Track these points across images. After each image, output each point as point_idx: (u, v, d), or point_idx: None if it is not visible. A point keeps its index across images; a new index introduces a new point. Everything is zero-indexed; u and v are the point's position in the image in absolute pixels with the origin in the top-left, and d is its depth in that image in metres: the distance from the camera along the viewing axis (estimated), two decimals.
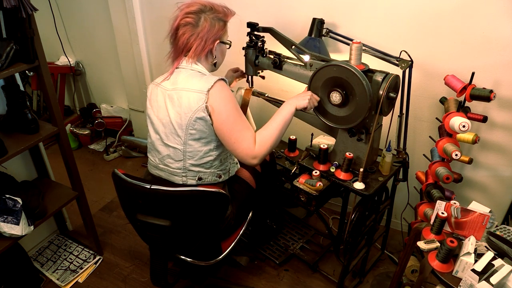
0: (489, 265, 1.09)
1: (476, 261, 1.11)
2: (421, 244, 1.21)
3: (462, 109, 1.54)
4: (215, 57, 1.41)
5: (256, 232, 2.00)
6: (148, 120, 1.45)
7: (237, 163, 1.55)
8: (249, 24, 1.62)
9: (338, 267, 1.95)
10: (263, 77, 1.76)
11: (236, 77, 1.79)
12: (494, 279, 1.05)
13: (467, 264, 1.11)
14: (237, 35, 1.65)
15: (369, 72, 1.41)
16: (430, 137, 1.72)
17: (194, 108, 1.29)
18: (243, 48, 1.66)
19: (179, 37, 1.35)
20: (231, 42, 1.44)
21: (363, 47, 1.51)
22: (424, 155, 1.70)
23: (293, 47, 1.57)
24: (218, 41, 1.38)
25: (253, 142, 1.31)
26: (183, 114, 1.31)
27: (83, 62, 3.06)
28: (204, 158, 1.38)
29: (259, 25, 1.62)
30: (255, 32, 1.63)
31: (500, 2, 1.45)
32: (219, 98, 1.29)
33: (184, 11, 1.34)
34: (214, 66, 1.45)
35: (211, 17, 1.34)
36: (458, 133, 1.42)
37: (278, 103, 1.76)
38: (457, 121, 1.38)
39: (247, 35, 1.63)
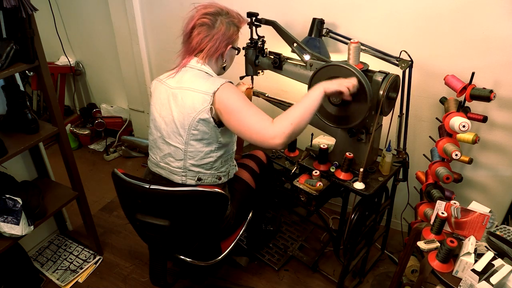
0: (489, 265, 1.09)
1: (476, 261, 1.11)
2: (421, 244, 1.21)
3: (462, 109, 1.54)
4: (225, 61, 1.42)
5: (252, 237, 1.99)
6: (150, 117, 1.45)
7: (235, 166, 1.54)
8: (250, 14, 1.61)
9: (338, 267, 1.95)
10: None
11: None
12: (494, 279, 1.05)
13: (467, 264, 1.11)
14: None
15: (369, 72, 1.41)
16: (430, 137, 1.72)
17: (199, 109, 1.29)
18: (243, 48, 1.66)
19: (194, 37, 1.35)
20: (240, 48, 1.46)
21: (363, 47, 1.51)
22: (424, 155, 1.70)
23: (295, 44, 1.57)
24: (230, 45, 1.39)
25: (267, 124, 1.24)
26: (186, 114, 1.31)
27: (83, 62, 3.06)
28: (204, 159, 1.38)
29: (262, 19, 1.61)
30: (255, 34, 1.63)
31: (500, 2, 1.45)
32: (225, 98, 1.28)
33: (201, 11, 1.34)
34: (223, 70, 1.46)
35: (227, 21, 1.35)
36: (458, 133, 1.42)
37: (278, 103, 1.76)
38: (457, 121, 1.38)
39: (248, 25, 1.60)
